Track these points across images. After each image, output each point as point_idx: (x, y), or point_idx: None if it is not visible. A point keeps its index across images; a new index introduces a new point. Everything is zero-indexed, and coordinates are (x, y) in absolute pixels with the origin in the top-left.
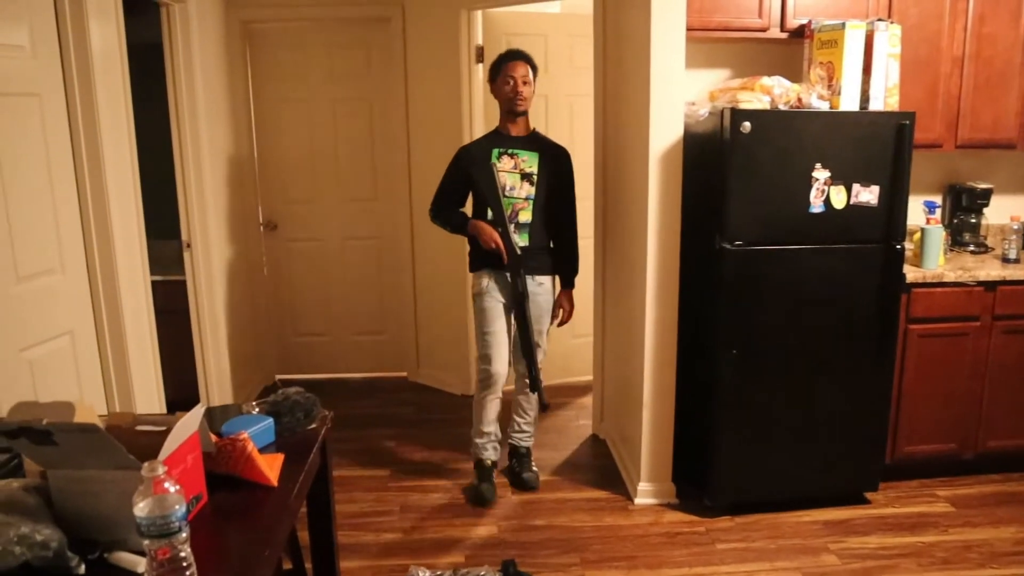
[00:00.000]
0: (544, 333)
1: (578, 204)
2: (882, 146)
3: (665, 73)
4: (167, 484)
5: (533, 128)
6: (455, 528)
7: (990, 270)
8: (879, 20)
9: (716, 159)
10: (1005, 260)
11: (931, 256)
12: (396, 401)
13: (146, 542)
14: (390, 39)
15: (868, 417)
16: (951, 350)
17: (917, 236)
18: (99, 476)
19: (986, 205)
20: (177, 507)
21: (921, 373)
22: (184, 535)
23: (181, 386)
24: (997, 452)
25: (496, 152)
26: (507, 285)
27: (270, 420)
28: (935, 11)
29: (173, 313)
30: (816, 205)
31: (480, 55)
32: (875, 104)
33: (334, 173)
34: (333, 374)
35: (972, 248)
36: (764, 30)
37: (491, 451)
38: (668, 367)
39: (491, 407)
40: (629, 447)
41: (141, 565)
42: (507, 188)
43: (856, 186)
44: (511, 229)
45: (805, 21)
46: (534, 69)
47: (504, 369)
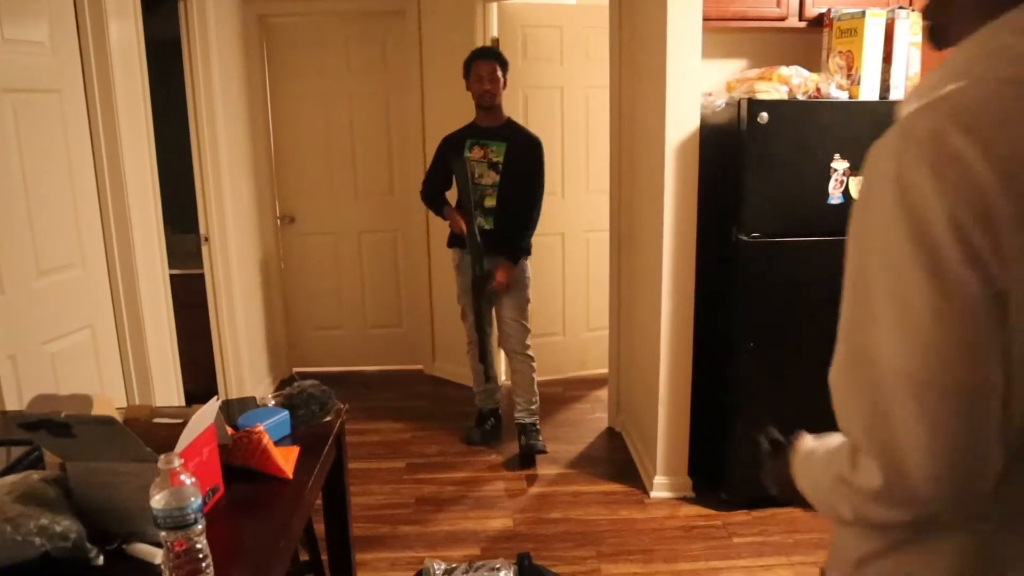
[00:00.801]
0: (518, 308)
1: (594, 197)
2: None
3: (681, 64)
4: (183, 476)
5: (507, 118)
6: (470, 521)
7: None
8: (900, 8)
9: (733, 150)
10: None
11: None
12: (412, 394)
13: (162, 534)
14: (406, 32)
15: None
16: None
17: None
18: (117, 468)
19: None
20: (193, 499)
21: None
22: (200, 527)
23: (200, 378)
24: None
25: (468, 142)
26: (469, 266)
27: (286, 413)
28: None
29: (192, 306)
30: (835, 196)
31: (496, 47)
32: (896, 94)
33: (350, 167)
34: (349, 367)
35: None
36: (782, 19)
37: (482, 399)
38: (684, 360)
39: (476, 360)
40: (645, 440)
41: (158, 556)
42: (475, 176)
43: None
44: (476, 214)
45: (824, 10)
46: (503, 65)
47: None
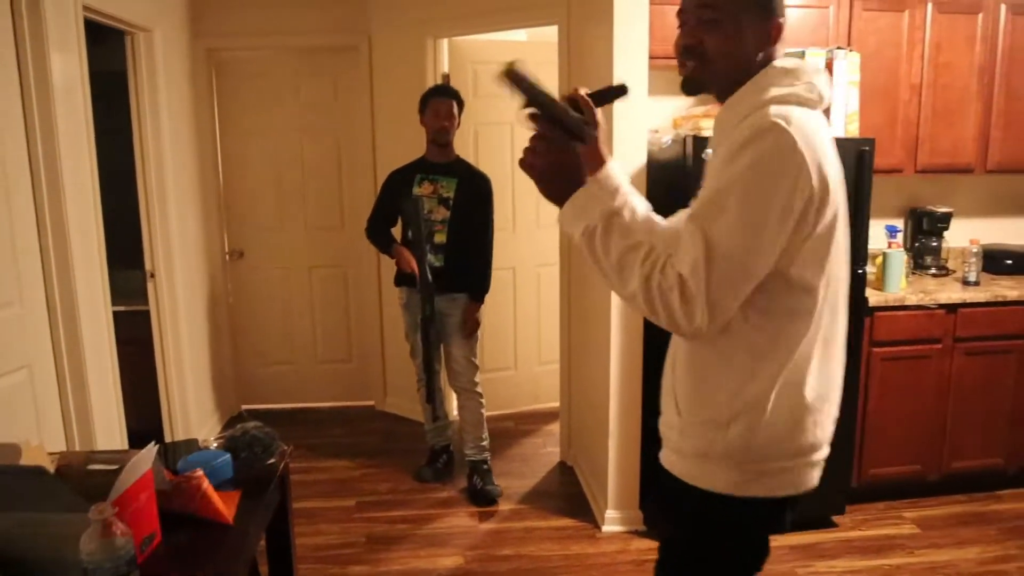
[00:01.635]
0: (468, 345)
1: (544, 232)
2: (843, 172)
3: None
4: (116, 526)
5: (456, 155)
6: (421, 559)
7: (951, 293)
8: (839, 48)
9: (679, 186)
10: (966, 283)
11: (893, 280)
12: (363, 430)
13: None
14: (357, 68)
15: (834, 441)
16: (914, 373)
17: (879, 260)
18: (46, 519)
19: (946, 228)
20: (125, 550)
21: (885, 396)
22: None
23: (145, 418)
24: (961, 473)
25: (418, 177)
26: (419, 305)
27: (227, 456)
28: (893, 40)
29: (137, 344)
30: None
31: (446, 83)
32: (836, 131)
33: (301, 201)
34: (300, 403)
35: (933, 271)
36: None
37: (433, 436)
38: (634, 394)
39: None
40: (596, 474)
41: None
42: (425, 211)
43: None
44: (427, 248)
45: None
46: (459, 104)
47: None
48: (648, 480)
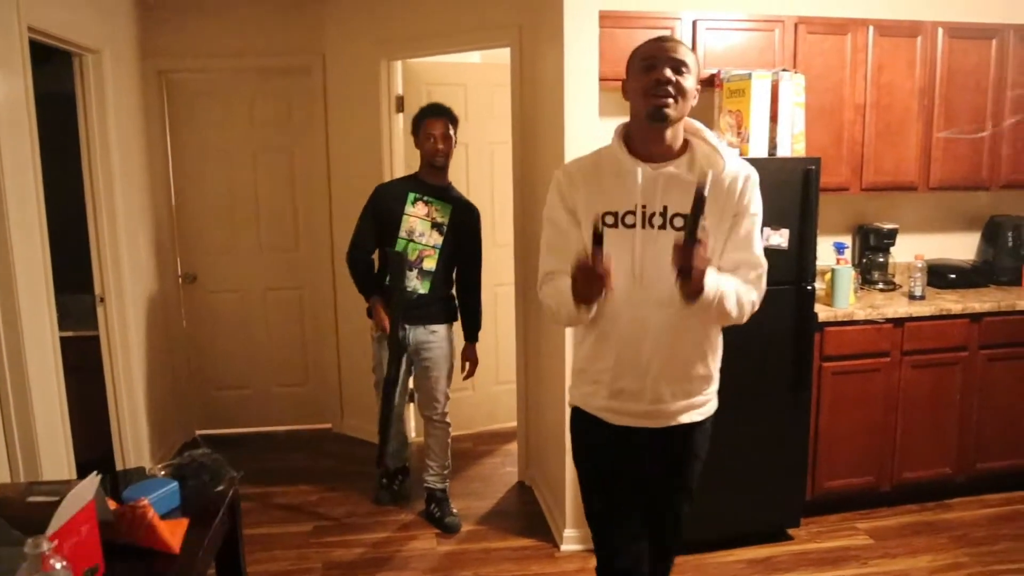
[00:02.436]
0: (441, 379)
1: (500, 251)
2: (791, 191)
3: (579, 121)
4: (54, 561)
5: (449, 182)
6: None
7: (898, 307)
8: (784, 70)
9: None
10: (912, 297)
11: (842, 295)
12: (320, 453)
13: None
14: (311, 89)
15: (788, 455)
16: (864, 386)
17: (828, 276)
18: None
19: (892, 244)
20: None
21: (837, 410)
22: None
23: (96, 446)
24: (912, 483)
25: (412, 196)
26: (394, 340)
27: (175, 484)
28: (837, 62)
29: (87, 370)
30: None
31: (400, 105)
32: (782, 151)
33: (255, 223)
34: (256, 427)
35: (881, 286)
36: None
37: (391, 458)
38: None
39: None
40: (554, 493)
41: None
42: (416, 233)
43: (767, 230)
44: (414, 274)
45: (715, 71)
46: (454, 123)
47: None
48: None
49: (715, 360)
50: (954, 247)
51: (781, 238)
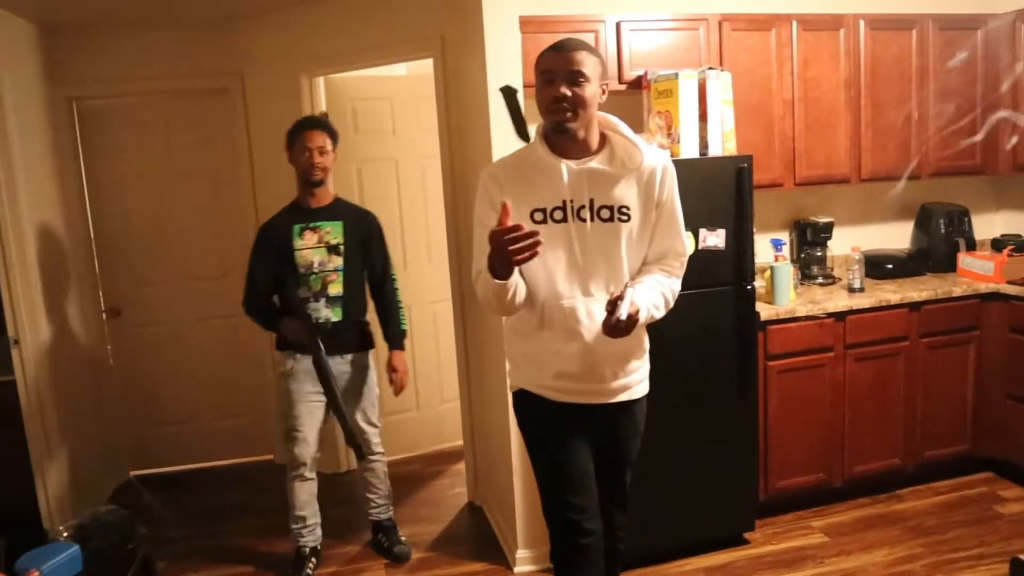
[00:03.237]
0: (368, 409)
1: (435, 267)
2: (724, 190)
3: (505, 130)
4: None
5: (335, 196)
6: None
7: (838, 301)
8: (710, 68)
9: None
10: (851, 290)
11: (782, 292)
12: (262, 487)
13: None
14: (231, 110)
15: (738, 458)
16: (810, 382)
17: (767, 274)
18: None
19: (829, 238)
20: None
21: (784, 408)
22: None
23: (17, 499)
24: (863, 476)
25: (297, 228)
26: (310, 369)
27: (76, 548)
28: (762, 57)
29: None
30: None
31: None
32: (714, 149)
33: (180, 252)
34: (195, 464)
35: (820, 280)
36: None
37: (308, 537)
38: None
39: (302, 490)
40: (505, 513)
41: None
42: (315, 264)
43: (703, 231)
44: (322, 304)
45: (642, 72)
46: (333, 137)
47: (311, 450)
48: None
49: (646, 343)
50: (889, 237)
51: (718, 239)
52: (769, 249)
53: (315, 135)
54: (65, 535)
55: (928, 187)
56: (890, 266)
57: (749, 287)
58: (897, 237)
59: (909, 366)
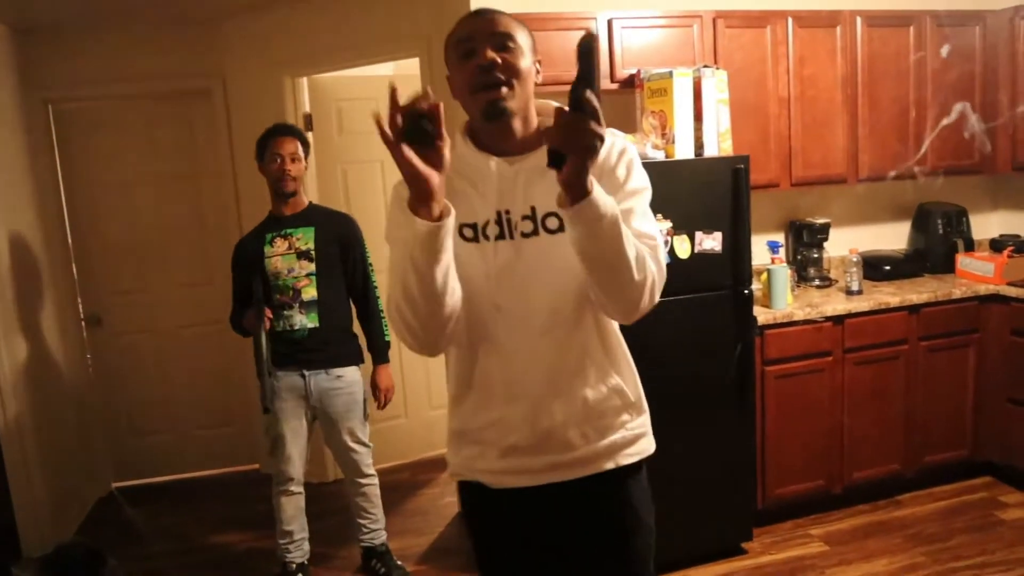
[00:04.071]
0: (356, 430)
1: None
2: (720, 191)
3: None
4: None
5: (309, 202)
6: None
7: (836, 304)
8: (705, 67)
9: None
10: (849, 292)
11: (779, 296)
12: (249, 498)
13: None
14: (213, 112)
15: (735, 465)
16: (808, 388)
17: (764, 277)
18: None
19: (826, 239)
20: None
21: (782, 414)
22: None
23: None
24: (862, 482)
25: (268, 237)
26: (294, 385)
27: None
28: (758, 55)
29: None
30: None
31: (309, 123)
32: (709, 150)
33: (162, 257)
34: (180, 474)
35: (817, 282)
36: None
37: (295, 553)
38: None
39: (288, 504)
40: None
41: None
42: (286, 272)
43: (699, 234)
44: (296, 310)
45: (634, 71)
46: (305, 144)
47: (297, 465)
48: None
49: (629, 376)
50: (887, 238)
51: (714, 242)
52: (765, 251)
53: (286, 142)
54: (27, 574)
55: (925, 187)
56: (888, 268)
57: (747, 291)
58: (894, 237)
59: (908, 370)
